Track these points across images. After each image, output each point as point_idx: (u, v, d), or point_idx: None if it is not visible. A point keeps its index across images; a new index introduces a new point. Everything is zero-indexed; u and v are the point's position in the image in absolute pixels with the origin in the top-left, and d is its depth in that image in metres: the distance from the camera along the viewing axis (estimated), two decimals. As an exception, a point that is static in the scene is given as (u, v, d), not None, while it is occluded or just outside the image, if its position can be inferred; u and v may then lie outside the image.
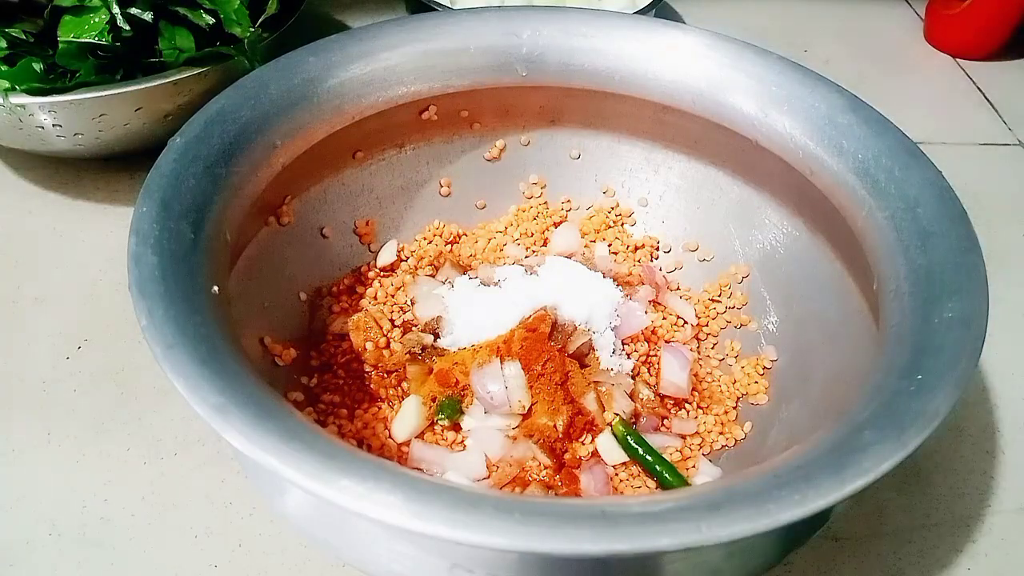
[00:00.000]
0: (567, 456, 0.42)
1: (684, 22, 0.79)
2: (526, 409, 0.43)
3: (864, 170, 0.42)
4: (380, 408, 0.44)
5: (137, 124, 0.52)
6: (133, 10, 0.50)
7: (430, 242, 0.52)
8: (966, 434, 0.49)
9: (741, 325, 0.49)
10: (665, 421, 0.45)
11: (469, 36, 0.48)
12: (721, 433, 0.45)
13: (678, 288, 0.52)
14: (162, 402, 0.46)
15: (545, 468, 0.42)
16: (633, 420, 0.44)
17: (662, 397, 0.46)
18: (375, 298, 0.49)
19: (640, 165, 0.53)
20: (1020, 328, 0.54)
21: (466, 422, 0.44)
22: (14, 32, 0.49)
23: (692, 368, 0.47)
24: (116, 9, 0.49)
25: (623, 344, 0.47)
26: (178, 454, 0.44)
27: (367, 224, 0.50)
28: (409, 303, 0.49)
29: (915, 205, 0.40)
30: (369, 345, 0.46)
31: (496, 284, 0.48)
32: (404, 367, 0.45)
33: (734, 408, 0.46)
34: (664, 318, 0.50)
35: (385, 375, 0.45)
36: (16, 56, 0.49)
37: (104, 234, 0.55)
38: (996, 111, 0.76)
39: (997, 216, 0.63)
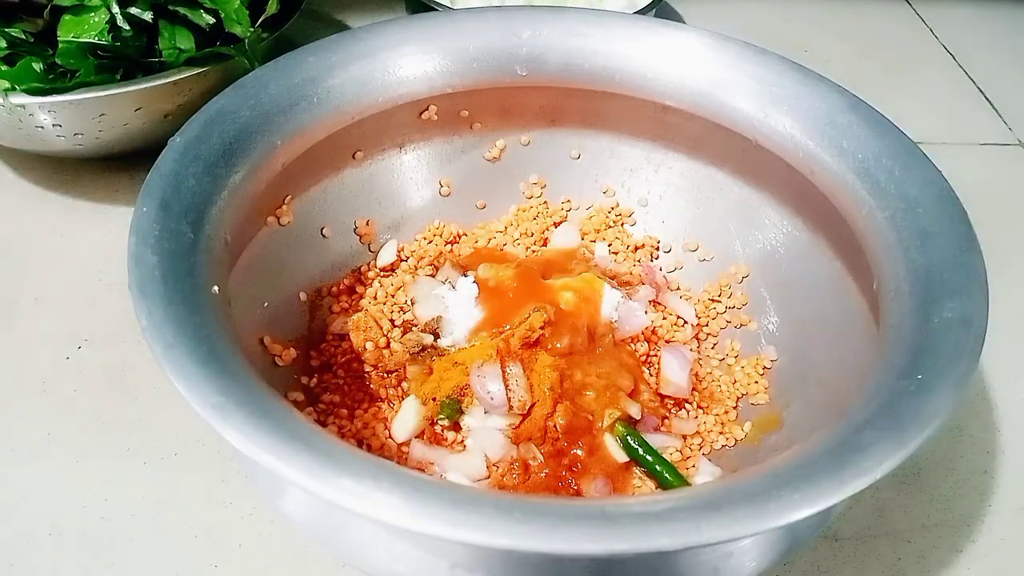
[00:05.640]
0: (567, 456, 0.42)
1: (684, 22, 0.79)
2: (526, 409, 0.43)
3: (864, 170, 0.42)
4: (380, 408, 0.44)
5: (137, 124, 0.52)
6: (133, 10, 0.50)
7: (430, 242, 0.52)
8: (966, 434, 0.49)
9: (741, 325, 0.49)
10: (665, 421, 0.45)
11: (469, 36, 0.48)
12: (721, 433, 0.45)
13: (678, 288, 0.52)
14: (162, 402, 0.46)
15: (545, 468, 0.42)
16: (633, 420, 0.44)
17: (662, 397, 0.46)
18: (375, 298, 0.49)
19: (640, 165, 0.53)
20: (1020, 328, 0.54)
21: (466, 422, 0.44)
22: (14, 32, 0.49)
23: (692, 368, 0.47)
24: (116, 9, 0.49)
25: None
26: (178, 454, 0.44)
27: (367, 224, 0.50)
28: (409, 303, 0.49)
29: (915, 205, 0.40)
30: (369, 345, 0.46)
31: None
32: (404, 367, 0.45)
33: (734, 408, 0.46)
34: (664, 318, 0.50)
35: (385, 375, 0.45)
36: (16, 56, 0.49)
37: (104, 234, 0.55)
38: (996, 111, 0.76)
39: (997, 216, 0.63)
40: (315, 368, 0.46)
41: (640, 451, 0.42)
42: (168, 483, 0.43)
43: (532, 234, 0.53)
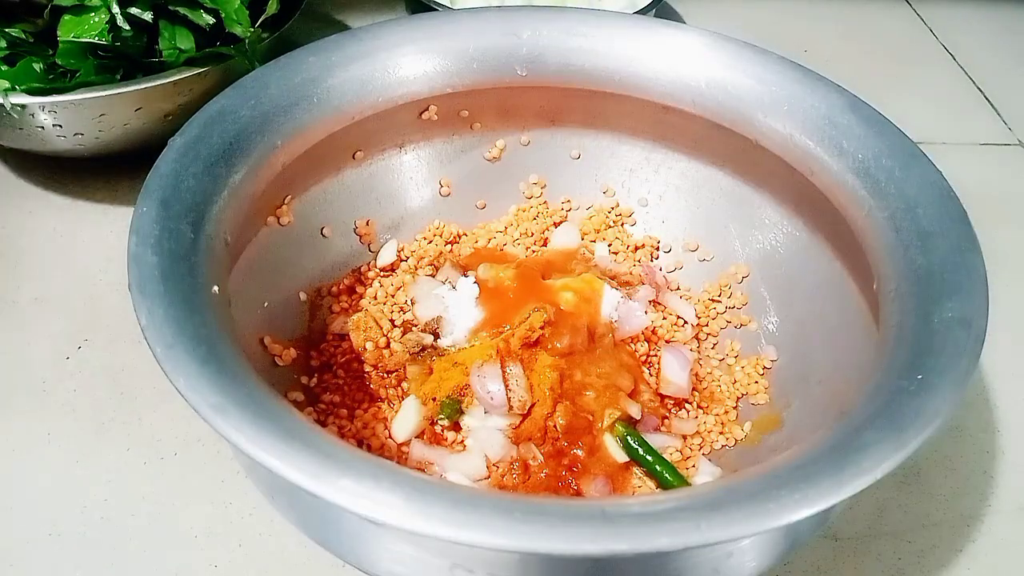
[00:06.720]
0: (567, 456, 0.42)
1: (684, 22, 0.79)
2: (526, 409, 0.43)
3: (864, 170, 0.42)
4: (380, 408, 0.44)
5: (137, 124, 0.52)
6: (133, 10, 0.50)
7: (430, 242, 0.52)
8: (966, 434, 0.49)
9: (741, 325, 0.49)
10: (665, 421, 0.45)
11: (469, 36, 0.48)
12: (721, 433, 0.45)
13: (678, 288, 0.52)
14: (162, 402, 0.46)
15: (545, 468, 0.42)
16: (633, 420, 0.44)
17: (662, 397, 0.46)
18: (375, 298, 0.49)
19: (640, 165, 0.53)
20: (1020, 328, 0.54)
21: (466, 422, 0.44)
22: (14, 32, 0.49)
23: (692, 368, 0.47)
24: (116, 9, 0.49)
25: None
26: (178, 454, 0.44)
27: (367, 224, 0.50)
28: (409, 303, 0.49)
29: (915, 205, 0.40)
30: (369, 345, 0.46)
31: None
32: (404, 367, 0.45)
33: (734, 408, 0.46)
34: (664, 318, 0.50)
35: (385, 375, 0.45)
36: (16, 56, 0.49)
37: (104, 234, 0.55)
38: (996, 111, 0.76)
39: (997, 216, 0.63)
40: (315, 368, 0.46)
41: (640, 451, 0.42)
42: (168, 483, 0.43)
43: (532, 234, 0.53)
